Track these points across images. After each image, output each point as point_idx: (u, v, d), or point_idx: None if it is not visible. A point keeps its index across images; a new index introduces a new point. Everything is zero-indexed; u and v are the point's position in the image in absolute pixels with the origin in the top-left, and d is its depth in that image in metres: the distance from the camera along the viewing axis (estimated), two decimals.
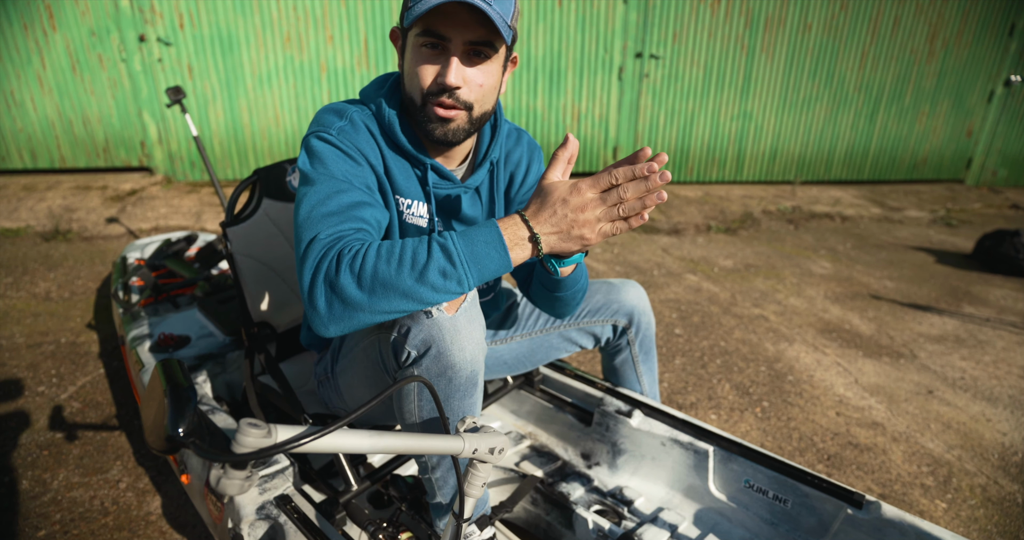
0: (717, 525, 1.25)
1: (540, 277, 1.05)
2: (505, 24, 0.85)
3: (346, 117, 0.95)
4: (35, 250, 3.41)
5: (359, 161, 0.92)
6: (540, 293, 1.10)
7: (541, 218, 0.78)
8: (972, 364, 2.50)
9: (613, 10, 4.86)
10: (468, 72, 0.88)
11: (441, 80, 0.87)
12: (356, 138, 0.93)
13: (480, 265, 0.76)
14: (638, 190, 0.74)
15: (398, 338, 0.86)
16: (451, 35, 0.85)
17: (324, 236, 0.80)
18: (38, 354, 2.21)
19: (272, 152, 4.77)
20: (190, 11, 4.23)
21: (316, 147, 0.91)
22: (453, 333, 0.84)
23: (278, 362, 1.44)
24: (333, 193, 0.86)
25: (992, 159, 6.54)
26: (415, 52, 0.89)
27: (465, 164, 1.07)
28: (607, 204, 0.76)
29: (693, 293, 3.16)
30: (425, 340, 0.83)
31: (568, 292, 1.05)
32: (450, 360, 0.84)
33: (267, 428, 0.54)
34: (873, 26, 5.45)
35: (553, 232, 0.77)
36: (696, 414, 2.03)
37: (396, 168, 0.98)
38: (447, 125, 0.92)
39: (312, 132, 0.93)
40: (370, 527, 1.03)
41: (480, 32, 0.85)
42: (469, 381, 0.88)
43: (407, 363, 0.87)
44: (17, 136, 4.37)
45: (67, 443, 1.72)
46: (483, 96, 0.92)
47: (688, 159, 5.60)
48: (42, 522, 1.42)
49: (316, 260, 0.78)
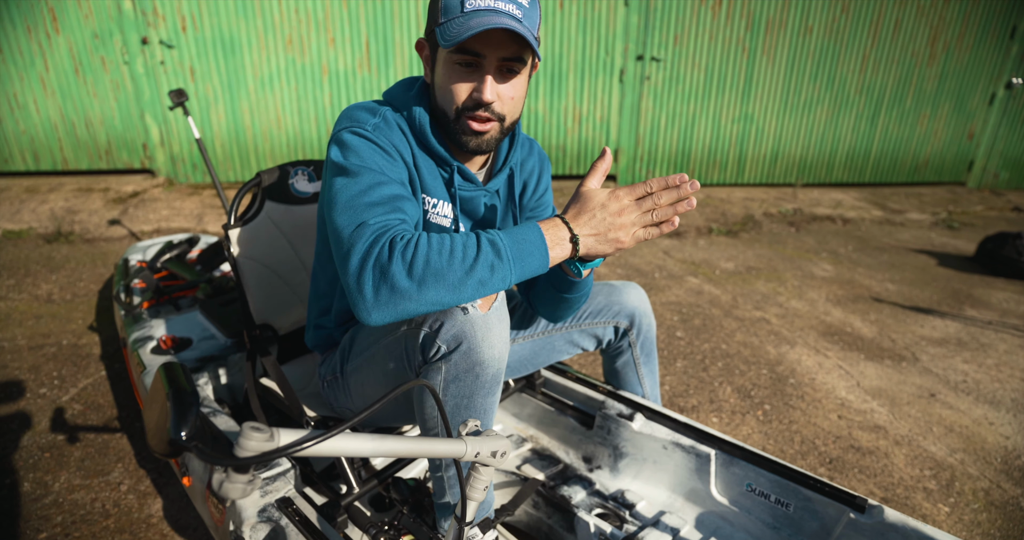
0: (719, 529, 1.24)
1: (553, 278, 1.08)
2: (534, 37, 0.88)
3: (379, 115, 0.97)
4: (37, 252, 3.42)
5: (394, 157, 0.94)
6: (547, 295, 1.12)
7: (581, 221, 0.83)
8: (974, 367, 2.50)
9: (614, 13, 4.87)
10: (501, 87, 0.91)
11: (477, 96, 0.90)
12: (391, 135, 0.95)
13: (523, 263, 0.79)
14: (670, 197, 0.82)
15: (429, 333, 0.87)
16: (486, 53, 0.87)
17: (373, 222, 0.81)
18: (40, 356, 2.21)
19: (274, 154, 4.78)
20: (192, 14, 4.25)
21: (351, 141, 0.92)
22: (485, 330, 0.86)
23: (280, 364, 1.44)
24: (375, 184, 0.87)
25: (994, 162, 6.54)
26: (449, 68, 0.91)
27: (484, 168, 1.09)
28: (642, 210, 0.82)
29: (694, 296, 3.16)
30: (457, 336, 0.85)
31: (578, 294, 1.09)
32: (479, 357, 0.86)
33: (269, 432, 0.54)
34: (874, 29, 5.45)
35: (592, 234, 0.83)
36: (698, 417, 2.03)
37: (424, 167, 1.00)
38: (481, 137, 0.95)
39: (345, 127, 0.94)
40: (371, 530, 1.03)
41: (513, 48, 0.88)
42: (494, 379, 0.90)
43: (435, 358, 0.88)
44: (20, 138, 4.38)
45: (68, 445, 1.72)
46: (514, 107, 0.96)
47: (689, 162, 5.61)
48: (43, 524, 1.42)
49: (367, 245, 0.78)
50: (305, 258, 1.47)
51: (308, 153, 4.83)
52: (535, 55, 0.91)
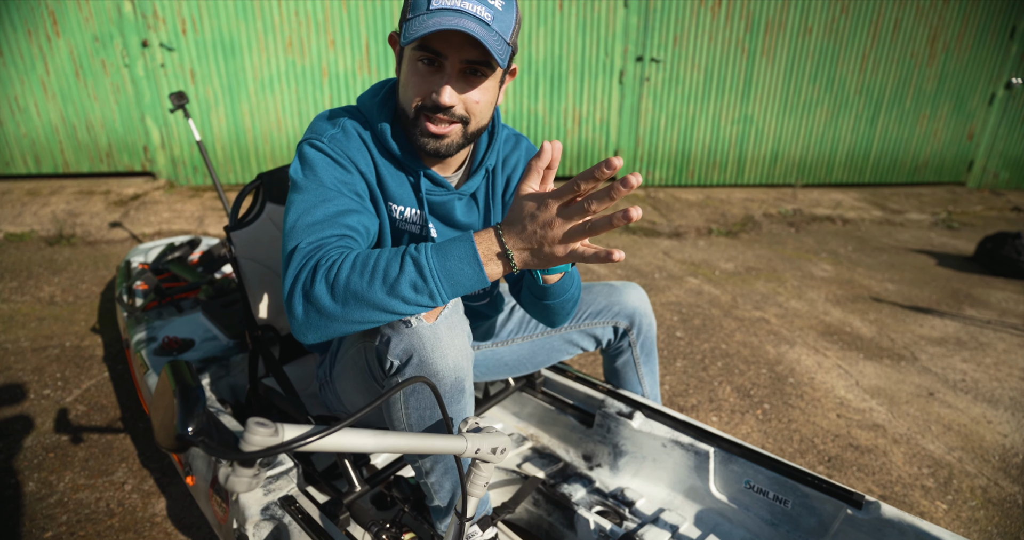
0: (718, 526, 1.25)
1: (528, 283, 1.02)
2: (504, 44, 0.84)
3: (338, 125, 0.96)
4: (39, 254, 3.43)
5: (349, 169, 0.93)
6: (529, 300, 1.06)
7: (512, 233, 0.73)
8: (973, 366, 2.50)
9: (614, 14, 4.89)
10: (463, 90, 0.88)
11: (436, 98, 0.86)
12: (347, 146, 0.94)
13: (453, 280, 0.74)
14: (601, 203, 0.66)
15: (380, 347, 0.86)
16: (447, 53, 0.84)
17: (304, 245, 0.81)
18: (43, 358, 2.23)
19: (274, 156, 4.79)
20: (192, 16, 4.27)
21: (307, 154, 0.92)
22: (434, 341, 0.84)
23: (281, 365, 1.46)
24: (320, 202, 0.87)
25: (993, 162, 6.55)
26: (411, 65, 0.88)
27: (461, 170, 1.07)
28: (571, 222, 0.69)
29: (694, 296, 3.17)
30: (406, 349, 0.83)
31: (556, 301, 1.00)
32: (433, 368, 0.84)
33: (274, 427, 0.55)
34: (874, 29, 5.47)
35: (524, 248, 0.73)
36: (697, 416, 2.04)
37: (389, 175, 0.98)
38: (440, 140, 0.92)
39: (305, 139, 0.95)
40: (373, 528, 1.04)
41: (476, 53, 0.84)
42: (455, 387, 0.88)
43: (391, 372, 0.87)
44: (21, 141, 4.40)
45: (72, 445, 1.73)
46: (479, 112, 0.92)
47: (689, 162, 5.62)
48: (48, 523, 1.43)
49: (296, 270, 0.79)
50: None
51: None
52: (499, 63, 0.83)
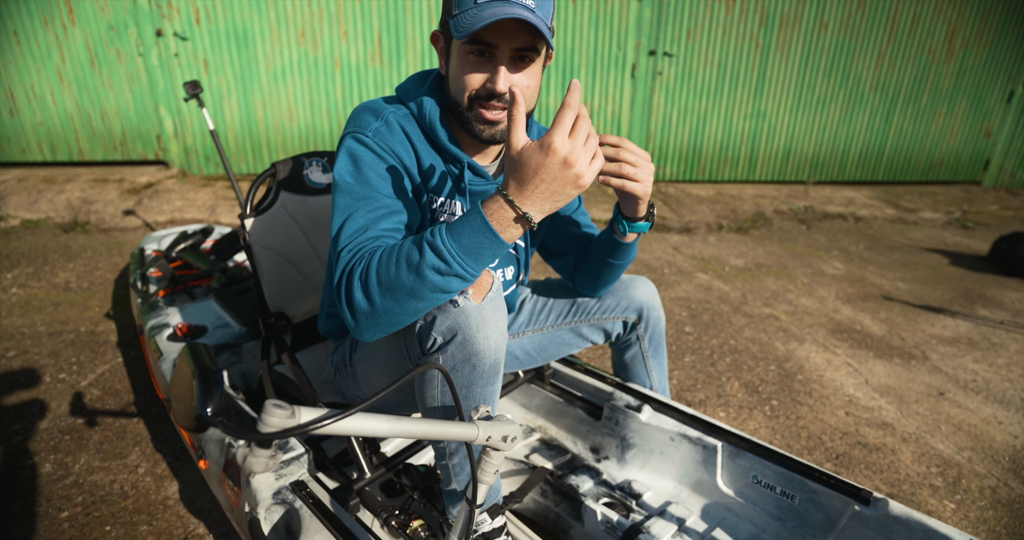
0: (724, 520, 1.26)
1: (604, 246, 1.15)
2: (547, 27, 0.88)
3: (382, 118, 0.98)
4: (55, 241, 3.47)
5: (393, 162, 0.96)
6: (599, 263, 1.18)
7: (527, 193, 0.76)
8: (984, 367, 2.48)
9: (627, 7, 4.85)
10: (515, 77, 0.92)
11: (491, 86, 0.91)
12: (391, 139, 0.97)
13: (474, 255, 0.78)
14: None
15: (424, 326, 0.88)
16: (499, 43, 0.88)
17: (345, 253, 0.86)
18: (59, 342, 2.26)
19: (286, 147, 4.81)
20: (206, 6, 4.28)
21: (352, 149, 0.95)
22: (479, 321, 0.86)
23: (294, 352, 1.47)
24: (361, 205, 0.91)
25: (1011, 161, 6.46)
26: (462, 58, 0.92)
27: (497, 160, 1.10)
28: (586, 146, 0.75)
29: (704, 292, 3.16)
30: (451, 327, 0.86)
31: (627, 260, 1.16)
32: (475, 347, 0.87)
33: (291, 409, 0.56)
34: (891, 25, 5.39)
35: (544, 200, 0.77)
36: (705, 411, 2.04)
37: (432, 166, 1.01)
38: (495, 127, 0.96)
39: (349, 132, 0.97)
40: (383, 514, 1.05)
41: (526, 38, 0.88)
42: (492, 369, 0.91)
43: (432, 350, 0.89)
44: (37, 129, 4.45)
45: (87, 428, 1.76)
46: (529, 96, 0.95)
47: (700, 158, 5.58)
48: (64, 504, 1.46)
49: (338, 278, 0.85)
50: (319, 248, 1.49)
51: (320, 146, 4.86)
52: (548, 45, 0.90)
